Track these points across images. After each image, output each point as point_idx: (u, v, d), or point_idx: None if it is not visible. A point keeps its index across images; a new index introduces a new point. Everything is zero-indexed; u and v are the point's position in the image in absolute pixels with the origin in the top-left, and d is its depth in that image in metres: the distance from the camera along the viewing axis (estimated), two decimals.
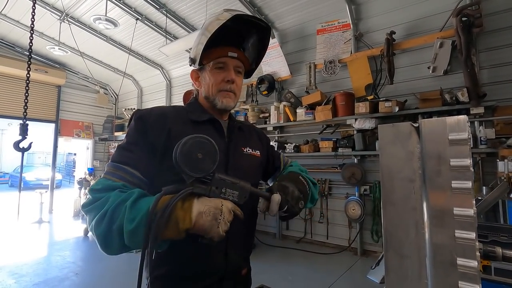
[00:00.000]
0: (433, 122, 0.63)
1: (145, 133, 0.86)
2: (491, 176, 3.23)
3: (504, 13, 3.36)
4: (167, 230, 0.67)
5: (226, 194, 0.74)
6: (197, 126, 0.94)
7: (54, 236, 5.49)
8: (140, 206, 0.70)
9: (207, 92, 0.98)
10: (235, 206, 0.75)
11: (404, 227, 0.66)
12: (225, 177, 0.75)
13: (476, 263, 0.56)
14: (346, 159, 4.39)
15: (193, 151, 0.68)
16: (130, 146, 0.85)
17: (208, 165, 0.70)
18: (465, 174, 0.59)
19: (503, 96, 3.33)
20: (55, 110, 7.66)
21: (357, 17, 4.43)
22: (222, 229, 0.70)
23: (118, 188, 0.76)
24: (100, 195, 0.75)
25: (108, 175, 0.80)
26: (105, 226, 0.69)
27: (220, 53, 0.95)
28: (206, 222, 0.69)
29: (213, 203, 0.71)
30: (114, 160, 0.83)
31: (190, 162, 0.68)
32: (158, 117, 0.89)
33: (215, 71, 0.96)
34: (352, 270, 3.69)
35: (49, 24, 5.72)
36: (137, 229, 0.66)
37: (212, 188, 0.73)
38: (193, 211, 0.69)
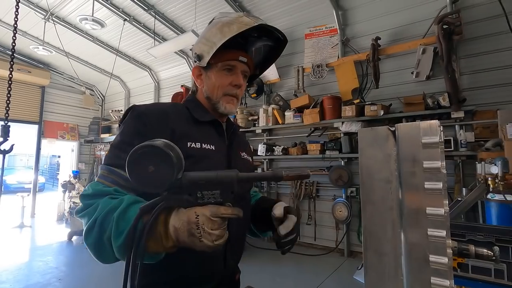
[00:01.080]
0: (408, 126, 0.67)
1: (144, 133, 0.78)
2: (471, 178, 3.36)
3: (482, 22, 3.52)
4: (152, 245, 0.63)
5: (205, 198, 0.64)
6: (200, 126, 0.89)
7: (36, 241, 5.32)
8: (128, 216, 0.65)
9: (211, 93, 0.93)
10: (219, 208, 0.64)
11: (382, 226, 0.69)
12: (196, 178, 0.64)
13: (447, 259, 0.59)
14: (333, 162, 4.46)
15: (142, 166, 0.59)
16: (126, 147, 0.74)
17: (166, 174, 0.60)
18: (437, 176, 0.62)
19: (482, 101, 3.48)
20: (39, 111, 7.45)
21: (344, 23, 4.53)
22: (209, 241, 0.62)
23: (109, 193, 0.72)
24: (90, 202, 0.71)
25: (100, 179, 0.76)
26: (95, 236, 0.66)
27: (231, 56, 0.91)
28: (185, 238, 0.62)
29: (185, 216, 0.63)
30: (107, 162, 0.78)
31: (144, 180, 0.59)
32: (159, 115, 0.83)
33: (223, 73, 0.92)
34: (339, 271, 3.74)
35: (33, 23, 5.58)
36: (124, 244, 0.62)
37: (185, 196, 0.63)
38: (170, 228, 0.64)
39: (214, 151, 0.87)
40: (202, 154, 0.83)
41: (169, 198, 0.64)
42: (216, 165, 0.86)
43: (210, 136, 0.90)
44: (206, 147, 0.85)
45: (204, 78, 0.95)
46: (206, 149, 0.85)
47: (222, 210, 0.64)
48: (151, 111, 0.83)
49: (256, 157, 5.11)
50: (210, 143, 0.87)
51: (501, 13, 2.51)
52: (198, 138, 0.85)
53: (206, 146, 0.85)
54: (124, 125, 0.83)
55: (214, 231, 0.62)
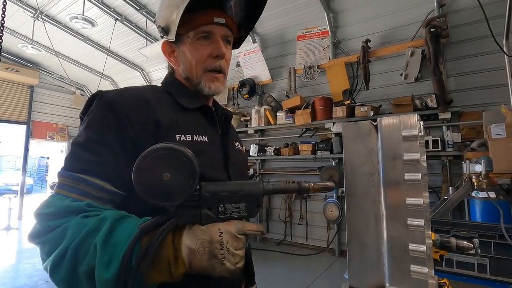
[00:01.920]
0: (389, 121, 0.69)
1: (119, 128, 0.62)
2: (458, 178, 3.44)
3: (468, 26, 3.62)
4: (155, 275, 0.50)
5: (227, 212, 0.53)
6: (188, 114, 0.73)
7: (23, 243, 5.21)
8: (116, 240, 0.50)
9: (189, 72, 0.76)
10: (244, 224, 0.54)
11: (364, 218, 0.71)
12: (218, 189, 0.53)
13: (425, 247, 0.62)
14: (325, 162, 4.50)
15: (155, 173, 0.48)
16: (95, 146, 0.60)
17: (184, 184, 0.49)
18: (416, 167, 0.64)
19: (468, 103, 3.57)
20: (27, 111, 7.31)
21: (335, 25, 4.59)
22: (231, 264, 0.51)
23: (80, 210, 0.54)
24: (54, 223, 0.53)
25: (63, 190, 0.57)
26: (67, 271, 0.50)
27: (203, 20, 0.72)
28: (203, 262, 0.50)
29: (206, 235, 0.51)
30: (70, 166, 0.59)
31: (155, 190, 0.48)
32: (137, 104, 0.65)
33: (198, 43, 0.74)
34: (330, 270, 3.77)
35: (22, 22, 5.49)
36: (116, 277, 0.48)
37: (203, 211, 0.52)
38: (182, 250, 0.51)
39: (207, 143, 0.72)
40: (194, 148, 0.59)
41: (184, 214, 0.52)
42: (212, 161, 0.72)
43: (201, 125, 0.75)
44: (198, 139, 0.70)
45: (178, 54, 0.78)
46: (198, 141, 0.69)
47: (248, 226, 0.54)
48: (125, 99, 0.65)
49: (248, 158, 5.13)
50: (202, 134, 0.71)
51: (486, 18, 2.61)
52: (188, 129, 0.70)
53: (199, 138, 0.70)
54: (89, 118, 0.63)
55: (238, 252, 0.52)
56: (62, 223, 0.53)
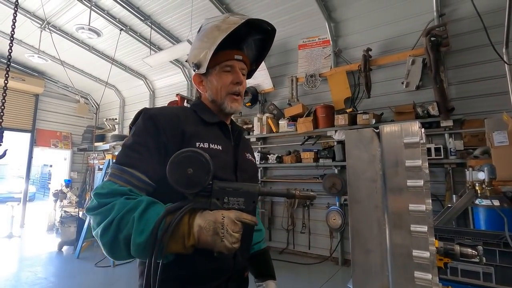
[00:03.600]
0: (391, 128, 0.70)
1: (156, 134, 0.82)
2: (461, 185, 3.42)
3: (468, 35, 3.66)
4: (173, 246, 0.68)
5: (230, 203, 0.72)
6: (208, 128, 0.93)
7: (25, 251, 5.19)
8: (149, 216, 0.69)
9: (215, 95, 0.96)
10: (241, 214, 0.72)
11: (368, 224, 0.71)
12: (225, 185, 0.73)
13: (429, 254, 0.62)
14: (327, 170, 4.49)
15: (182, 168, 0.68)
16: (138, 147, 0.80)
17: (201, 178, 0.69)
18: (418, 174, 0.65)
19: (470, 111, 3.58)
20: (31, 119, 7.40)
21: (336, 34, 4.66)
22: (228, 242, 0.68)
23: (124, 193, 0.74)
24: (106, 200, 0.72)
25: (113, 178, 0.76)
26: (112, 235, 0.68)
27: (227, 57, 0.94)
28: (208, 237, 0.68)
29: (212, 217, 0.69)
30: (119, 161, 0.79)
31: (181, 180, 0.68)
32: (170, 118, 0.86)
33: (223, 74, 0.95)
34: (334, 279, 3.72)
35: (29, 32, 5.62)
36: (146, 242, 0.66)
37: (213, 200, 0.72)
38: (194, 227, 0.69)
39: (221, 151, 0.89)
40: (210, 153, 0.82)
41: (198, 201, 0.71)
42: (224, 165, 0.88)
43: (217, 137, 0.93)
44: (214, 147, 0.88)
45: (206, 83, 0.98)
46: (214, 149, 0.87)
47: (245, 215, 0.72)
48: (162, 114, 0.86)
49: None
50: (217, 143, 0.90)
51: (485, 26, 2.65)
52: (206, 138, 0.88)
53: (214, 146, 0.88)
54: (136, 127, 0.85)
55: (235, 234, 0.69)
56: (111, 201, 0.71)
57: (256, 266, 1.15)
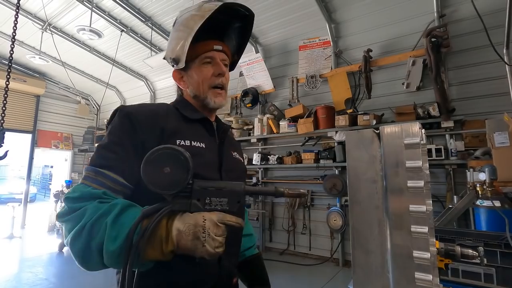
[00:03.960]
0: (391, 129, 0.70)
1: (133, 133, 0.77)
2: (462, 186, 3.41)
3: (468, 35, 3.66)
4: (150, 252, 0.62)
5: (212, 204, 0.66)
6: (190, 125, 0.87)
7: (25, 252, 5.20)
8: (123, 221, 0.63)
9: (197, 90, 0.91)
10: (225, 215, 0.65)
11: (368, 225, 0.71)
12: (207, 185, 0.66)
13: (429, 255, 0.62)
14: (328, 171, 4.49)
15: (158, 167, 0.62)
16: (114, 147, 0.75)
17: (180, 177, 0.62)
18: (419, 174, 0.65)
19: (470, 111, 3.57)
20: (33, 120, 7.42)
21: (337, 35, 4.66)
22: (211, 247, 0.62)
23: (98, 196, 0.68)
24: (77, 205, 0.66)
25: (86, 181, 0.71)
26: (83, 243, 0.62)
27: (205, 48, 0.89)
28: (188, 242, 0.62)
29: (192, 220, 0.63)
30: (93, 163, 0.74)
31: (157, 180, 0.61)
32: (148, 114, 0.81)
33: (203, 66, 0.90)
34: (334, 280, 3.72)
35: (31, 33, 5.64)
36: (120, 249, 0.60)
37: (193, 201, 0.65)
38: (173, 231, 0.63)
39: (204, 148, 0.85)
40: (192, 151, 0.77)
41: (177, 202, 0.64)
42: (207, 163, 0.84)
43: (200, 134, 0.88)
44: (196, 144, 0.83)
45: (186, 79, 0.93)
46: (196, 146, 0.83)
47: (228, 217, 0.66)
48: (139, 111, 0.81)
49: (251, 166, 5.13)
50: (200, 140, 0.85)
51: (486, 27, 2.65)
52: (188, 135, 0.83)
53: (196, 144, 0.83)
54: (111, 126, 0.80)
55: (218, 238, 0.63)
56: (83, 205, 0.66)
57: (248, 274, 1.07)
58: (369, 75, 4.11)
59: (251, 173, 5.36)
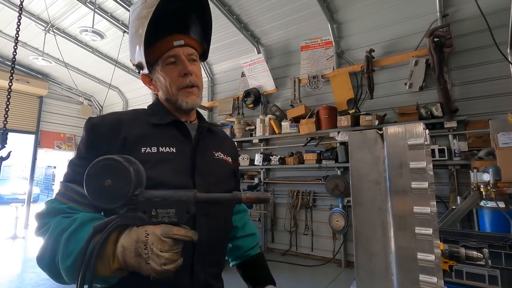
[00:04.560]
0: (395, 129, 0.70)
1: (96, 145, 0.75)
2: (465, 187, 3.39)
3: (471, 35, 3.63)
4: (101, 269, 0.59)
5: (159, 216, 0.61)
6: (159, 130, 0.83)
7: (29, 252, 5.22)
8: (80, 237, 0.61)
9: (167, 93, 0.86)
10: (171, 228, 0.60)
11: (371, 226, 0.71)
12: (153, 195, 0.62)
13: (433, 257, 0.61)
14: (330, 171, 4.48)
15: (99, 180, 0.58)
16: (80, 161, 0.74)
17: (122, 189, 0.58)
18: (423, 176, 0.65)
19: (474, 112, 3.55)
20: (36, 121, 7.45)
21: (339, 35, 4.65)
22: (156, 264, 0.57)
23: (63, 211, 0.68)
24: (44, 221, 0.67)
25: (58, 196, 0.72)
26: (48, 259, 0.62)
27: (165, 46, 0.83)
28: (131, 259, 0.58)
29: (135, 235, 0.59)
30: (64, 178, 0.75)
31: (99, 193, 0.59)
32: (111, 125, 0.79)
33: (168, 68, 0.84)
34: (337, 281, 3.70)
35: (33, 35, 5.67)
36: (73, 267, 0.58)
37: (139, 214, 0.61)
38: (118, 247, 0.60)
39: (175, 153, 0.81)
40: (160, 158, 0.77)
41: (124, 216, 0.61)
42: (177, 169, 0.80)
43: (172, 138, 0.84)
44: (164, 150, 0.79)
45: (155, 82, 0.89)
46: (164, 152, 0.79)
47: (175, 230, 0.60)
48: (103, 121, 0.79)
49: (253, 167, 5.13)
50: (170, 145, 0.81)
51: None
52: (155, 142, 0.79)
53: (165, 149, 0.79)
54: (80, 140, 0.80)
55: (163, 253, 0.58)
56: (48, 221, 0.67)
57: (252, 274, 1.05)
58: (371, 75, 4.09)
59: (253, 174, 5.35)
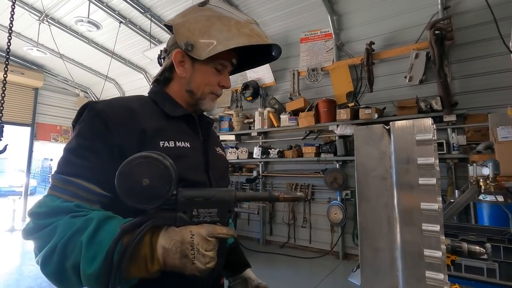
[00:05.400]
0: (403, 125, 0.68)
1: (106, 135, 0.67)
2: (463, 180, 3.41)
3: (473, 28, 3.60)
4: (134, 271, 0.56)
5: (200, 216, 0.59)
6: (172, 122, 0.80)
7: (27, 245, 5.22)
8: (101, 239, 0.56)
9: (196, 88, 0.84)
10: (215, 228, 0.59)
11: (377, 222, 0.70)
12: (193, 194, 0.60)
13: (440, 253, 0.61)
14: (329, 164, 4.49)
15: (134, 179, 0.54)
16: (84, 152, 0.66)
17: (161, 190, 0.55)
18: (430, 172, 0.64)
19: (473, 105, 3.55)
20: (31, 113, 7.36)
21: (339, 28, 4.59)
22: (201, 263, 0.57)
23: (70, 210, 0.60)
24: (45, 221, 0.59)
25: (55, 192, 0.63)
26: (56, 265, 0.56)
27: (227, 57, 0.84)
28: (176, 260, 0.56)
29: (179, 236, 0.57)
30: (61, 170, 0.65)
31: (135, 194, 0.54)
32: (123, 113, 0.71)
33: (213, 70, 0.84)
34: (334, 273, 3.75)
35: (28, 25, 5.54)
36: (99, 271, 0.54)
37: (178, 214, 0.58)
38: (158, 249, 0.57)
39: (189, 148, 0.79)
40: (177, 153, 0.74)
41: (160, 216, 0.58)
42: (193, 165, 0.79)
43: (184, 132, 0.82)
44: (180, 145, 0.77)
45: (189, 68, 0.83)
46: (181, 147, 0.76)
47: (219, 229, 0.60)
48: (113, 108, 0.71)
49: (252, 160, 5.13)
50: (184, 140, 0.78)
51: (491, 20, 2.59)
52: (172, 135, 0.76)
53: (181, 144, 0.77)
54: (80, 126, 0.69)
55: (208, 253, 0.58)
56: (53, 221, 0.59)
57: (231, 261, 1.05)
58: (371, 68, 4.06)
59: (252, 167, 5.35)
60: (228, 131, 5.45)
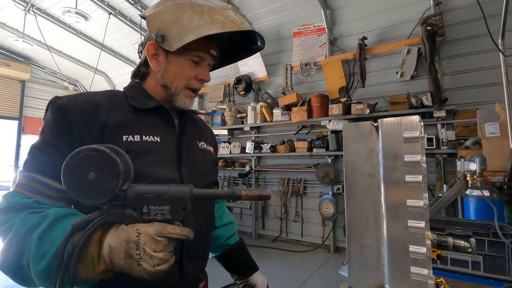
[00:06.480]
0: (390, 122, 0.69)
1: (68, 130, 0.66)
2: (452, 175, 3.48)
3: (464, 24, 3.64)
4: (83, 271, 0.53)
5: (151, 213, 0.55)
6: (142, 116, 0.76)
7: None
8: (53, 236, 0.54)
9: (170, 82, 0.79)
10: (166, 226, 0.54)
11: (364, 219, 0.71)
12: (144, 190, 0.56)
13: (425, 249, 0.62)
14: (321, 159, 4.52)
15: (80, 173, 0.52)
16: (47, 148, 0.65)
17: (108, 184, 0.52)
18: (417, 169, 0.64)
19: (462, 101, 3.60)
20: (19, 106, 7.18)
21: (332, 22, 4.58)
22: (149, 265, 0.52)
23: (28, 206, 0.59)
24: (5, 218, 0.58)
25: (19, 188, 0.62)
26: (12, 261, 0.55)
27: (203, 47, 0.78)
28: (121, 261, 0.52)
29: (124, 235, 0.53)
30: (26, 167, 0.65)
31: (80, 188, 0.52)
32: (86, 107, 0.69)
33: (189, 63, 0.79)
34: (326, 266, 3.81)
35: (13, 15, 5.36)
36: (47, 270, 0.52)
37: (127, 211, 0.54)
38: (104, 248, 0.53)
39: (159, 143, 0.75)
40: (143, 148, 0.71)
41: (110, 213, 0.55)
42: (162, 160, 0.75)
43: (155, 126, 0.78)
44: (148, 139, 0.73)
45: (162, 61, 0.79)
46: (148, 141, 0.73)
47: (170, 229, 0.54)
48: (75, 103, 0.69)
49: (244, 155, 5.12)
50: (153, 134, 0.75)
51: (481, 16, 2.62)
52: (137, 129, 0.73)
53: (148, 138, 0.73)
54: (44, 122, 0.69)
55: (156, 254, 0.52)
56: (10, 218, 0.58)
57: (235, 262, 1.04)
58: (364, 64, 4.07)
59: (244, 162, 5.35)
60: (221, 126, 5.42)
